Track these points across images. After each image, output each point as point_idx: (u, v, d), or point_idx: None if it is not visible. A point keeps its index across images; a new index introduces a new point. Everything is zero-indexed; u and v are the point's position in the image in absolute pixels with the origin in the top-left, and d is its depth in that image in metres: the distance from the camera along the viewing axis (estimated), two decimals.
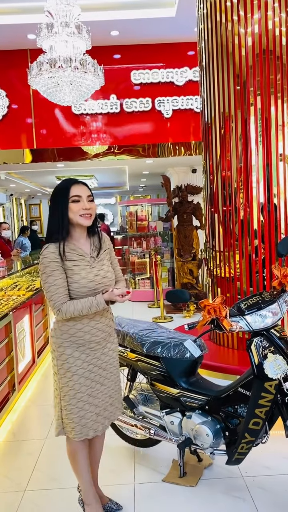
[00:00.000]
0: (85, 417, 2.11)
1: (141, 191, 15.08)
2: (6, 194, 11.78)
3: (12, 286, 4.85)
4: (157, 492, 2.53)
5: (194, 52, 6.95)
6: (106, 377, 2.20)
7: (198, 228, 7.49)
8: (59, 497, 2.54)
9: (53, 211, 2.10)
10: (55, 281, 2.01)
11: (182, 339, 2.61)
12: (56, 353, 2.12)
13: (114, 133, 7.19)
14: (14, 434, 3.36)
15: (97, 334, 2.14)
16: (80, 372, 2.10)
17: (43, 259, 2.03)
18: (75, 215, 2.06)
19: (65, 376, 2.10)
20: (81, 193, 2.07)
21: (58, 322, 2.13)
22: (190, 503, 2.42)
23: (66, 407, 2.11)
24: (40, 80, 4.77)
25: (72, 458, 2.24)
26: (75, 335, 2.09)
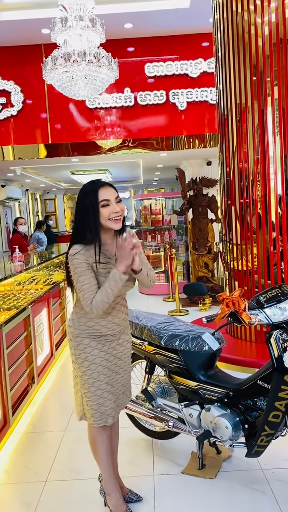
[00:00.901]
0: (104, 404, 2.17)
1: (155, 184, 15.05)
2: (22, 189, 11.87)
3: (30, 280, 4.90)
4: (176, 484, 2.55)
5: (208, 43, 6.87)
6: (121, 366, 2.25)
7: (214, 221, 7.45)
8: (79, 487, 2.57)
9: (82, 215, 2.07)
10: (86, 280, 2.03)
11: (200, 332, 2.62)
12: (74, 342, 2.18)
13: (128, 127, 7.17)
14: (34, 426, 3.41)
15: (113, 328, 2.18)
16: (97, 361, 2.15)
17: (73, 260, 2.05)
18: (105, 219, 2.05)
19: (82, 365, 2.16)
20: (110, 197, 2.05)
21: (77, 313, 2.18)
22: (210, 495, 2.43)
23: (85, 394, 2.18)
24: (54, 75, 4.78)
25: (93, 445, 2.29)
26: (93, 328, 2.14)
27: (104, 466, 2.27)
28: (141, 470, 2.68)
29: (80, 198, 2.09)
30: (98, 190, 2.04)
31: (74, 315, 2.20)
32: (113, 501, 2.26)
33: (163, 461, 2.77)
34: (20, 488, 2.62)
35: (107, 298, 2.00)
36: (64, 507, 2.42)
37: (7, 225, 10.32)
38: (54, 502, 2.46)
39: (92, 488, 2.51)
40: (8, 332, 3.21)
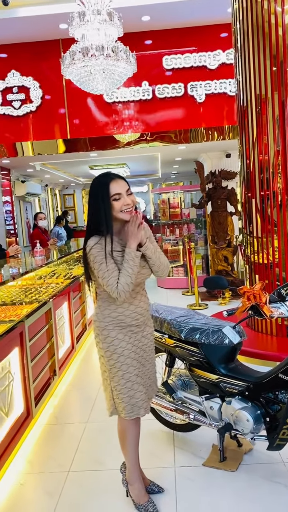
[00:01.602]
0: (134, 396, 2.19)
1: (173, 178, 14.99)
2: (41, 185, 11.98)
3: (51, 274, 4.96)
4: (197, 475, 2.56)
5: (227, 34, 6.80)
6: (146, 359, 2.29)
7: (233, 214, 7.39)
8: (102, 478, 2.61)
9: (94, 208, 2.13)
10: (108, 266, 2.07)
11: (220, 326, 2.61)
12: (101, 336, 2.20)
13: (146, 120, 7.16)
14: (56, 417, 3.47)
15: (137, 318, 2.21)
16: (125, 353, 2.18)
17: (91, 250, 2.10)
18: (117, 212, 2.11)
19: (111, 358, 2.19)
20: (121, 190, 2.10)
21: (100, 307, 2.22)
22: (231, 487, 2.44)
23: (115, 387, 2.20)
24: (73, 70, 4.80)
25: (122, 436, 2.31)
26: (117, 318, 2.18)
27: (130, 457, 2.31)
28: (162, 462, 2.70)
29: (92, 192, 2.15)
30: (109, 184, 2.09)
31: (98, 309, 2.24)
32: (136, 491, 2.30)
33: (184, 453, 2.78)
34: (44, 478, 2.67)
35: (130, 278, 2.05)
36: (87, 497, 2.46)
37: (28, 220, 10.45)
38: (76, 492, 2.51)
39: (114, 479, 2.54)
40: (31, 325, 3.26)
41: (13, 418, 2.86)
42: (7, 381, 2.80)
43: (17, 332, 3.01)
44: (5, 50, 7.08)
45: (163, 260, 2.25)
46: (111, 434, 3.05)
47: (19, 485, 2.62)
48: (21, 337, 3.08)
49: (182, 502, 2.33)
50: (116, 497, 2.41)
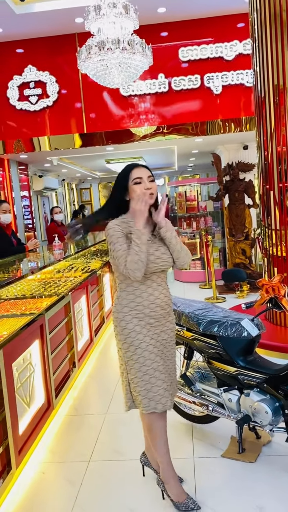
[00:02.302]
0: (151, 390, 2.17)
1: (189, 170, 14.90)
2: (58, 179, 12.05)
3: (69, 268, 5.01)
4: (216, 466, 2.58)
5: (244, 24, 6.70)
6: (166, 354, 2.26)
7: (251, 207, 7.34)
8: (122, 468, 2.66)
9: (115, 190, 2.23)
10: (122, 245, 2.10)
11: (238, 318, 2.62)
12: (119, 328, 2.21)
13: (162, 113, 7.13)
14: (76, 408, 3.53)
15: (156, 310, 2.20)
16: (143, 345, 2.17)
17: (108, 230, 2.15)
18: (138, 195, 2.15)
19: (129, 350, 2.19)
20: (142, 175, 2.17)
21: (119, 297, 2.23)
22: (250, 478, 2.45)
23: (132, 380, 2.20)
24: (89, 64, 4.80)
25: (149, 432, 2.28)
26: (135, 309, 2.17)
27: (161, 453, 2.26)
28: (181, 453, 2.73)
29: (115, 181, 2.24)
30: (132, 170, 2.19)
31: (117, 299, 2.25)
32: (174, 489, 2.25)
33: (202, 445, 2.81)
34: (65, 467, 2.73)
35: (137, 256, 2.05)
36: (107, 486, 2.50)
37: (45, 215, 10.54)
38: (97, 480, 2.56)
39: (134, 468, 2.58)
40: (50, 318, 3.31)
41: (34, 409, 2.93)
42: (28, 373, 2.86)
43: (38, 324, 3.06)
44: (21, 45, 7.12)
45: (184, 247, 2.25)
46: (130, 425, 3.10)
47: (41, 474, 2.69)
48: (42, 329, 3.14)
49: (202, 493, 2.36)
50: (137, 486, 2.45)
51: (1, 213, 4.74)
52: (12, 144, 7.32)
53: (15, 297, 3.72)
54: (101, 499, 2.40)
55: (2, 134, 7.30)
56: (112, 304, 6.04)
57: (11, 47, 7.12)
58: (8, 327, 2.79)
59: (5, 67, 7.14)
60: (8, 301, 3.57)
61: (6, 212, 4.78)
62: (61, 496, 2.46)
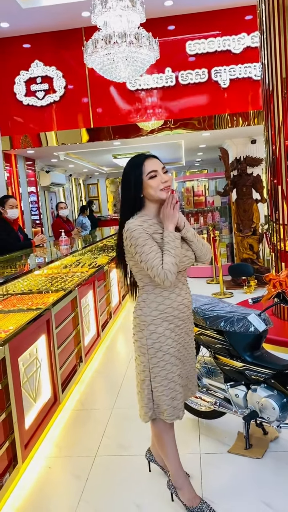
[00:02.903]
0: (176, 398, 2.08)
1: (197, 165, 14.83)
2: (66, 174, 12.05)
3: (76, 263, 5.01)
4: (222, 462, 2.57)
5: (252, 16, 6.63)
6: (186, 357, 2.18)
7: (259, 202, 7.28)
8: (128, 462, 2.65)
9: (128, 190, 2.04)
10: (151, 248, 1.95)
11: (245, 314, 2.59)
12: (146, 332, 2.05)
13: (169, 107, 7.09)
14: (83, 403, 3.53)
15: (184, 311, 2.10)
16: (171, 351, 2.06)
17: (132, 232, 1.97)
18: (156, 190, 2.00)
19: (155, 356, 2.05)
20: (156, 167, 2.01)
21: (145, 300, 2.08)
22: (257, 474, 2.44)
23: (157, 388, 2.07)
24: (95, 58, 4.78)
25: (159, 440, 2.22)
26: (165, 311, 2.05)
27: (172, 460, 2.21)
28: (187, 448, 2.72)
29: (126, 174, 2.06)
30: (144, 162, 2.01)
31: (143, 302, 2.08)
32: (186, 495, 2.18)
33: (209, 440, 2.79)
34: (71, 462, 2.74)
35: (174, 259, 1.93)
36: (114, 480, 2.50)
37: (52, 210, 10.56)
38: (104, 475, 2.56)
39: (141, 464, 2.57)
40: (57, 313, 3.31)
41: (41, 404, 2.93)
42: (34, 367, 2.87)
43: (44, 319, 3.06)
44: (28, 40, 7.10)
45: (204, 243, 2.15)
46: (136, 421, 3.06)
47: (47, 468, 2.69)
48: (48, 324, 3.14)
49: (208, 488, 2.35)
50: (143, 481, 2.45)
51: (8, 208, 4.74)
52: (19, 139, 7.32)
53: (22, 292, 3.73)
54: (107, 494, 2.40)
55: (9, 129, 7.31)
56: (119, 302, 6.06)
57: (18, 42, 7.10)
58: (14, 322, 2.79)
59: (12, 62, 7.13)
60: (14, 296, 3.58)
61: (13, 207, 4.79)
62: (67, 491, 2.47)
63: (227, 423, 2.92)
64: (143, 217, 2.03)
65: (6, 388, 2.40)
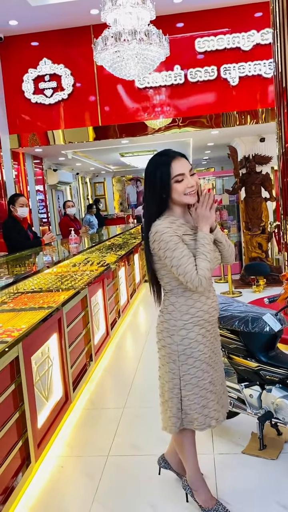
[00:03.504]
0: (207, 406, 2.02)
1: (204, 164, 14.78)
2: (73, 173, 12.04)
3: (84, 262, 5.00)
4: (236, 463, 2.55)
5: (262, 13, 6.57)
6: (216, 362, 2.10)
7: (268, 200, 7.23)
8: (141, 462, 2.63)
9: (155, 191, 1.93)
10: (183, 252, 1.86)
11: (260, 313, 2.56)
12: (177, 337, 1.97)
13: (178, 105, 7.05)
14: (93, 402, 3.52)
15: (214, 314, 2.04)
16: (202, 357, 1.99)
17: (161, 235, 1.87)
18: (180, 195, 1.90)
19: (186, 363, 1.98)
20: (184, 170, 1.89)
21: (174, 304, 1.99)
22: (271, 475, 2.41)
23: (188, 397, 2.00)
24: (105, 56, 4.75)
25: (179, 445, 2.19)
26: (197, 315, 1.97)
27: (191, 464, 2.17)
28: (201, 448, 2.66)
29: (151, 172, 1.93)
30: (171, 162, 1.88)
31: (172, 306, 1.99)
32: (202, 496, 2.15)
33: (222, 441, 2.77)
34: (83, 461, 2.72)
35: (208, 264, 1.86)
36: (127, 480, 2.48)
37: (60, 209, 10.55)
38: (117, 475, 2.54)
39: (153, 464, 2.54)
40: (68, 312, 3.30)
41: (52, 403, 2.92)
42: (46, 366, 2.85)
43: (56, 318, 3.05)
44: (36, 38, 7.08)
45: (231, 244, 2.08)
46: (148, 420, 3.08)
47: (59, 467, 2.68)
48: (59, 323, 3.13)
49: (223, 489, 2.32)
50: (157, 482, 2.42)
51: (18, 207, 4.73)
52: (27, 137, 7.31)
53: (33, 290, 3.72)
54: (121, 495, 2.38)
55: (17, 127, 7.30)
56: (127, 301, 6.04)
57: (26, 40, 7.09)
58: (26, 321, 2.78)
59: (21, 60, 7.12)
60: (25, 294, 3.57)
61: (23, 206, 4.78)
62: (80, 491, 2.45)
63: (240, 423, 2.89)
64: (169, 218, 1.94)
65: (20, 387, 2.38)
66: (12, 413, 2.30)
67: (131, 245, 7.16)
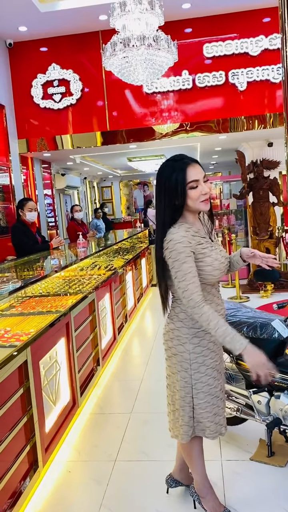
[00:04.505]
0: (218, 413, 2.02)
1: (211, 168, 14.77)
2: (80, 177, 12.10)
3: (92, 266, 5.01)
4: (244, 470, 2.53)
5: (270, 19, 6.57)
6: (222, 368, 2.12)
7: (275, 205, 7.21)
8: (149, 468, 2.63)
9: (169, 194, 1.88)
10: (190, 268, 1.83)
11: (269, 319, 2.55)
12: (189, 345, 1.95)
13: (185, 110, 7.06)
14: (101, 407, 3.51)
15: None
16: (213, 365, 1.98)
17: (175, 245, 1.83)
18: (195, 202, 1.87)
19: (198, 371, 1.97)
20: (198, 176, 1.85)
21: (186, 311, 1.94)
22: (280, 482, 2.39)
23: (200, 405, 1.98)
24: (114, 61, 4.78)
25: (187, 453, 2.18)
26: None
27: (199, 471, 2.16)
28: (209, 455, 2.66)
29: (165, 177, 1.88)
30: (187, 169, 1.84)
31: (183, 313, 1.96)
32: (210, 503, 2.14)
33: (230, 447, 2.75)
34: (91, 466, 2.72)
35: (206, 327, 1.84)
36: (135, 486, 2.48)
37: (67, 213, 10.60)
38: (124, 481, 2.53)
39: (160, 470, 2.54)
40: (76, 316, 3.31)
41: (60, 407, 2.92)
42: (54, 371, 2.86)
43: (64, 322, 3.05)
44: (45, 43, 7.14)
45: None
46: (155, 426, 3.07)
47: (67, 472, 2.68)
48: (67, 327, 3.13)
49: (231, 496, 2.31)
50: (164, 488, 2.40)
51: (27, 211, 4.76)
52: (36, 142, 7.35)
53: (40, 294, 3.73)
54: (128, 500, 2.37)
55: (26, 132, 7.35)
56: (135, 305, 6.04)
57: (35, 45, 7.14)
58: (35, 325, 2.79)
59: (30, 66, 7.17)
60: (33, 298, 3.58)
61: (32, 210, 4.80)
62: (88, 496, 2.44)
63: (247, 430, 2.88)
64: (184, 225, 1.90)
65: (28, 391, 2.39)
66: (21, 417, 2.31)
67: (138, 249, 7.17)
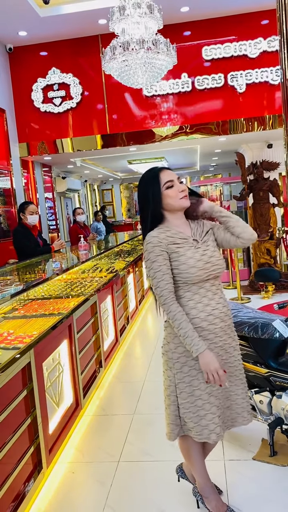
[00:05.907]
0: (205, 417, 1.96)
1: (211, 170, 14.81)
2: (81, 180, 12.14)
3: (93, 269, 5.03)
4: (247, 469, 2.54)
5: (268, 21, 6.61)
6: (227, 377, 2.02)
7: (276, 206, 7.23)
8: (152, 469, 2.64)
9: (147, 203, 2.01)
10: (160, 267, 1.92)
11: (270, 319, 2.57)
12: (172, 344, 1.99)
13: (185, 113, 7.09)
14: (103, 409, 3.53)
15: (215, 322, 1.96)
16: (197, 366, 1.93)
17: (146, 245, 1.96)
18: (175, 199, 1.97)
19: (181, 371, 1.98)
20: (172, 177, 1.99)
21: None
22: (283, 482, 2.40)
23: (183, 405, 1.99)
24: (113, 65, 4.81)
25: (186, 454, 2.20)
26: (192, 321, 1.93)
27: (199, 472, 2.18)
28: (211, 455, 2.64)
29: (142, 187, 2.04)
30: (159, 173, 1.99)
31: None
32: (213, 503, 2.15)
33: (232, 447, 2.77)
34: (94, 467, 2.73)
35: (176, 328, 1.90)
36: (138, 486, 2.49)
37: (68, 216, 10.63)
38: (128, 481, 2.55)
39: (164, 470, 2.56)
40: (78, 318, 3.33)
41: (63, 409, 2.94)
42: (57, 372, 2.88)
43: (66, 324, 3.07)
44: (45, 48, 7.18)
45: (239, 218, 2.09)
46: (158, 426, 3.08)
47: (71, 473, 2.69)
48: (70, 329, 3.15)
49: (234, 496, 2.32)
50: (168, 489, 2.43)
51: (28, 215, 4.79)
52: (36, 146, 7.39)
53: (43, 297, 3.75)
54: (132, 501, 2.39)
55: (27, 136, 7.39)
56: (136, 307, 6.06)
57: (35, 50, 7.19)
58: (38, 327, 2.81)
59: (30, 70, 7.21)
60: (36, 301, 3.61)
61: (33, 213, 4.83)
62: (92, 497, 2.46)
63: (249, 430, 2.88)
64: (161, 228, 2.00)
65: (32, 393, 2.41)
66: (24, 419, 2.33)
67: (139, 252, 7.19)
